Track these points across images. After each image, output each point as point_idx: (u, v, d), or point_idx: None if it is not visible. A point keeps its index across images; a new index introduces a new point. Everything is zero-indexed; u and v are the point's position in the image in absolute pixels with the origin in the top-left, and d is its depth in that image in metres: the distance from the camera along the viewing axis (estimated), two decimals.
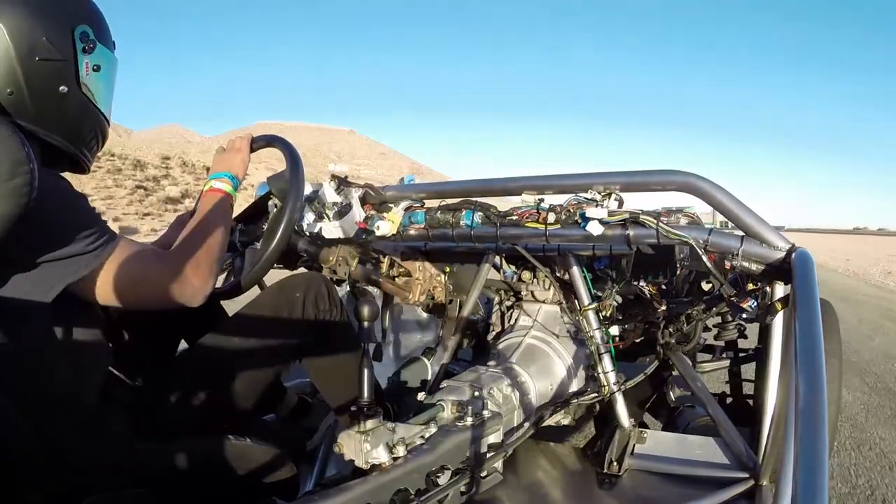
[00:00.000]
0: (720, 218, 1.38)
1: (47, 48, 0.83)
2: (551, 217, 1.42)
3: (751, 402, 1.67)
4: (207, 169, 1.21)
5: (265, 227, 1.42)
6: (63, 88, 0.87)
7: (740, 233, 1.27)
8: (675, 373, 1.64)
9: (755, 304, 1.29)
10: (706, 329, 1.81)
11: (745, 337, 1.71)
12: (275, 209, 1.32)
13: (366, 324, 1.02)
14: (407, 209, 1.66)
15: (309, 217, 1.51)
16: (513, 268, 1.71)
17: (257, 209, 1.47)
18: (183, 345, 1.32)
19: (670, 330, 1.62)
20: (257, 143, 1.30)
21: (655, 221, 1.30)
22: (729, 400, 1.83)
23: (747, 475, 1.28)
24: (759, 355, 1.43)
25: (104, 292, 0.84)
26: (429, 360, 1.54)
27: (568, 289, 1.59)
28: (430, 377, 1.46)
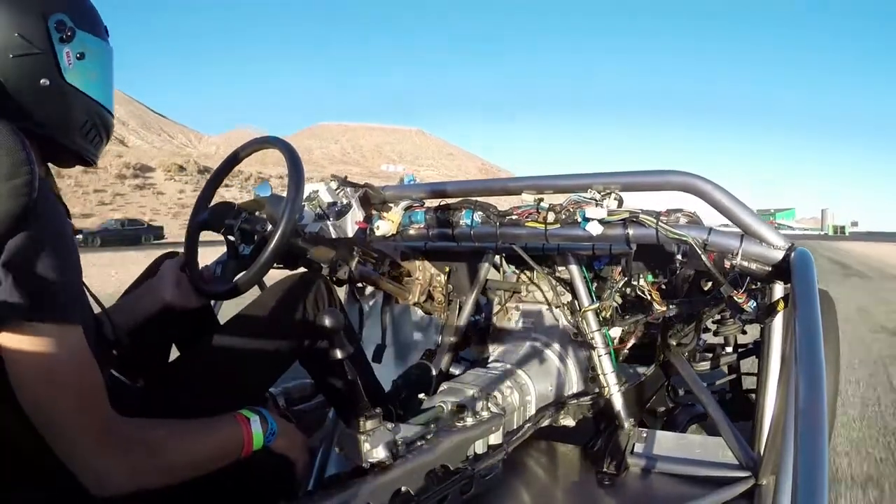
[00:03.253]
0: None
1: (20, 44, 0.80)
2: (551, 217, 1.42)
3: (750, 396, 1.67)
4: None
5: (263, 227, 1.41)
6: (44, 82, 0.83)
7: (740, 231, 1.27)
8: (675, 373, 1.64)
9: (755, 303, 1.29)
10: (706, 329, 1.81)
11: (745, 332, 1.71)
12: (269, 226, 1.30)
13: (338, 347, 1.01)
14: (407, 209, 1.66)
15: (309, 217, 1.51)
16: (513, 268, 1.71)
17: (256, 206, 1.46)
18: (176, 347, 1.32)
19: (670, 330, 1.62)
20: (256, 146, 1.30)
21: (655, 221, 1.30)
22: (728, 396, 1.83)
23: (747, 474, 1.28)
24: (759, 351, 1.44)
25: (13, 370, 0.68)
26: (431, 363, 1.54)
27: (568, 289, 1.59)
28: (433, 380, 1.46)
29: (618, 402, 1.48)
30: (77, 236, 0.83)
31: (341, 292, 1.65)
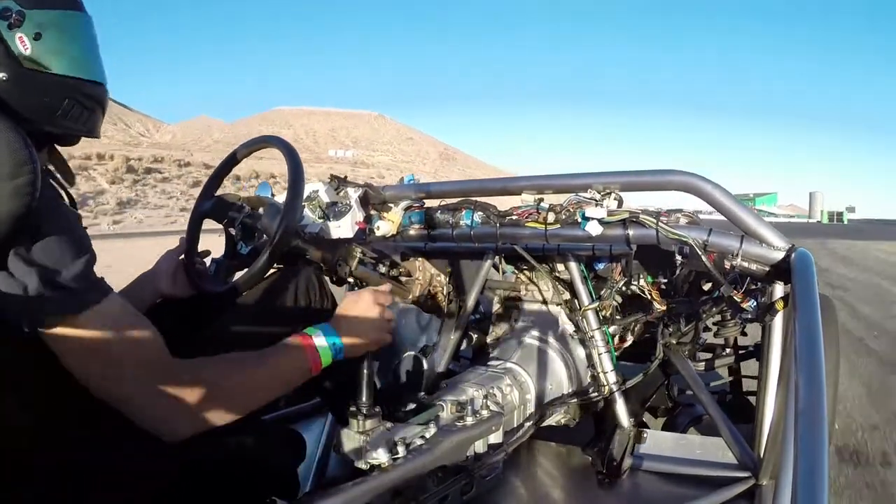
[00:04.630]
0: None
1: None
2: (551, 217, 1.42)
3: (750, 398, 1.67)
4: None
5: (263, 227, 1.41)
6: (2, 76, 0.78)
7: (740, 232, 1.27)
8: (674, 372, 1.64)
9: (755, 303, 1.29)
10: (706, 329, 1.81)
11: (745, 334, 1.71)
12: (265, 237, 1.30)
13: None
14: (407, 209, 1.66)
15: (308, 217, 1.50)
16: (512, 267, 1.71)
17: (259, 202, 1.46)
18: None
19: (670, 329, 1.62)
20: (255, 145, 1.30)
21: (655, 221, 1.30)
22: (729, 397, 1.83)
23: (747, 474, 1.28)
24: (759, 353, 1.44)
25: (71, 358, 0.72)
26: (425, 356, 1.54)
27: (568, 288, 1.59)
28: (425, 373, 1.46)
29: (618, 402, 1.48)
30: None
31: (341, 292, 1.65)
